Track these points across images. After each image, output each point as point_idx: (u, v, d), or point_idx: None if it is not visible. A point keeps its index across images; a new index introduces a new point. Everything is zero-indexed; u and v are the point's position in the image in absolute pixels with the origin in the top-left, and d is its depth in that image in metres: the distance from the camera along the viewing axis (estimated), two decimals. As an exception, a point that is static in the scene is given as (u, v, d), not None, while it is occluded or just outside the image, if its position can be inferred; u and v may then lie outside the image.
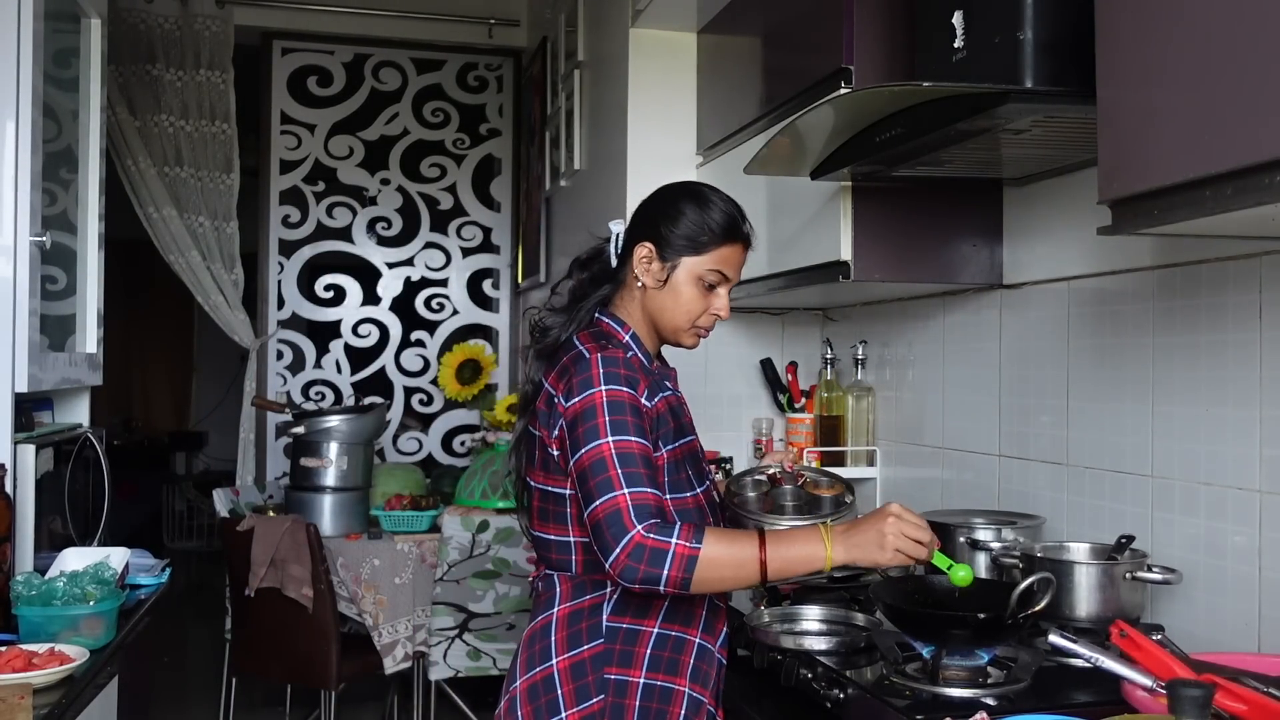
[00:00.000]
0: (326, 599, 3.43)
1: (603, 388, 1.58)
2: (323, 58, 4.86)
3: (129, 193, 4.55)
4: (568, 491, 1.62)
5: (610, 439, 1.54)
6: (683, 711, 1.61)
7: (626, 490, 1.51)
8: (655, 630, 1.62)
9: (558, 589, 1.65)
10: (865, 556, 1.50)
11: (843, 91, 2.01)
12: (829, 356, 2.80)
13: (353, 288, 4.93)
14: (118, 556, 2.30)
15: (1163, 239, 1.73)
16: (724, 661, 1.70)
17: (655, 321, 1.75)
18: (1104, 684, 1.44)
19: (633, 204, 2.99)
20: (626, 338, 1.72)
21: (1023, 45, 1.55)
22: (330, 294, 4.90)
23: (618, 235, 1.78)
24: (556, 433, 1.62)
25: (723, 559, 1.48)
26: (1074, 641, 1.41)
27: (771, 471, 1.93)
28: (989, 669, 1.52)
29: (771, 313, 3.07)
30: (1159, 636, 1.59)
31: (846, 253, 2.18)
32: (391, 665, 3.52)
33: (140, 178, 4.56)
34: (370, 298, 4.96)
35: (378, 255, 4.98)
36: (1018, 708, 1.38)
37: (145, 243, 4.65)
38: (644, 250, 1.72)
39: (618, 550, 1.48)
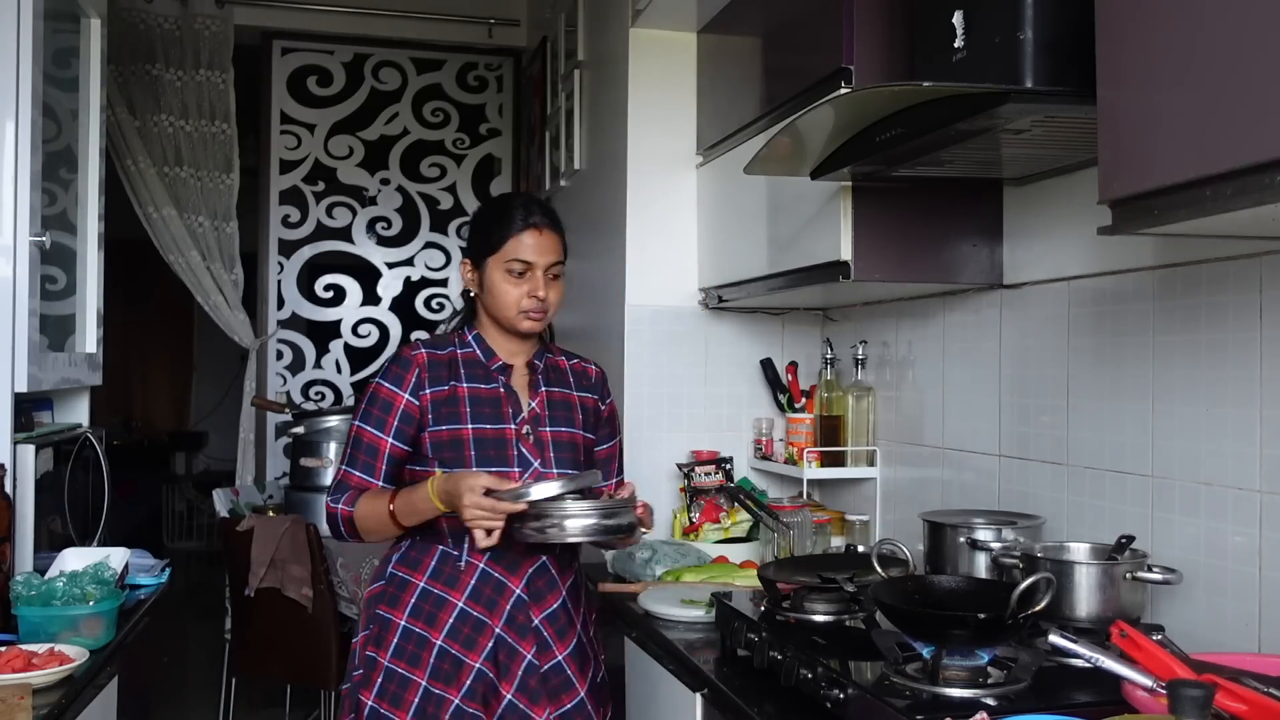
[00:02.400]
0: (326, 599, 3.43)
1: (376, 380, 2.01)
2: (323, 57, 4.86)
3: (129, 193, 4.55)
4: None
5: (357, 422, 1.99)
6: (432, 658, 1.92)
7: (344, 467, 1.99)
8: (421, 584, 1.97)
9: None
10: (455, 508, 1.83)
11: (843, 91, 2.01)
12: (829, 356, 2.80)
13: (352, 288, 4.93)
14: (117, 556, 2.30)
15: (1163, 239, 1.73)
16: (504, 635, 1.93)
17: (496, 320, 2.04)
18: (1104, 684, 1.44)
19: (633, 204, 3.03)
20: (470, 338, 2.06)
21: (1023, 45, 1.55)
22: (330, 294, 4.90)
23: None
24: None
25: (368, 514, 1.93)
26: (1074, 641, 1.41)
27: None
28: (989, 669, 1.52)
29: (771, 313, 3.07)
30: (1159, 636, 1.59)
31: (846, 253, 2.18)
32: (391, 665, 3.51)
33: (140, 178, 4.56)
34: (370, 298, 4.96)
35: (377, 255, 4.97)
36: (1018, 708, 1.38)
37: (145, 243, 4.65)
38: (464, 266, 2.07)
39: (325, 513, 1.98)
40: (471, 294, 2.07)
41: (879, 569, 1.90)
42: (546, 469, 1.98)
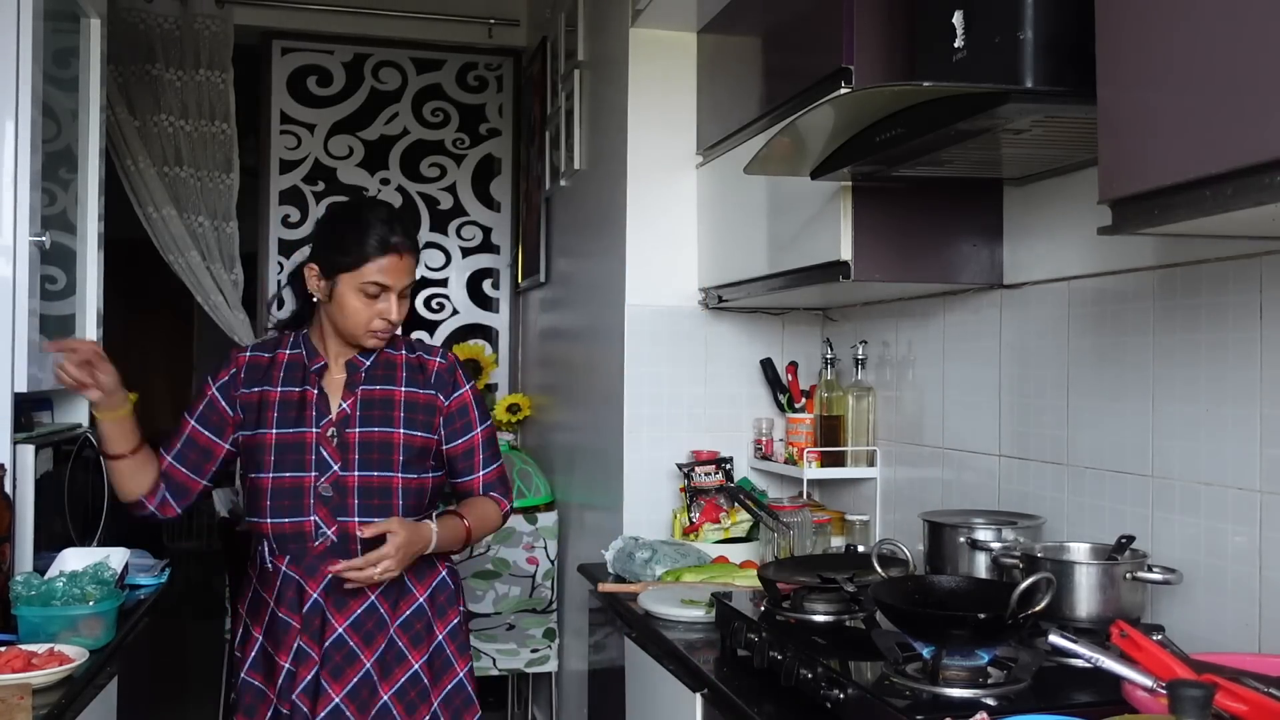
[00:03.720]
0: (326, 599, 3.43)
1: (206, 380, 2.12)
2: (322, 57, 4.86)
3: (129, 193, 4.54)
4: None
5: (185, 413, 2.11)
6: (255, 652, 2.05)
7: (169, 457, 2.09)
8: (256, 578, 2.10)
9: None
10: None
11: (843, 91, 2.01)
12: (829, 356, 2.80)
13: (352, 288, 4.92)
14: (117, 556, 2.30)
15: (1163, 239, 1.73)
16: (296, 625, 2.00)
17: (336, 329, 2.02)
18: (1104, 684, 1.44)
19: (633, 204, 3.03)
20: (297, 338, 2.11)
21: (1023, 45, 1.55)
22: (330, 294, 4.90)
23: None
24: None
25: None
26: (1074, 642, 1.41)
27: None
28: (989, 669, 1.52)
29: (771, 313, 3.07)
30: (1159, 636, 1.59)
31: (846, 253, 2.18)
32: (391, 665, 3.51)
33: (140, 178, 4.56)
34: (370, 298, 4.95)
35: (377, 255, 4.97)
36: (1018, 708, 1.38)
37: (145, 243, 4.65)
38: (311, 271, 2.02)
39: None
40: (315, 299, 2.04)
41: (879, 569, 1.90)
42: (347, 471, 1.99)
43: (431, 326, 4.99)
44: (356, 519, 1.97)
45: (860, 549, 2.34)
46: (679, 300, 3.03)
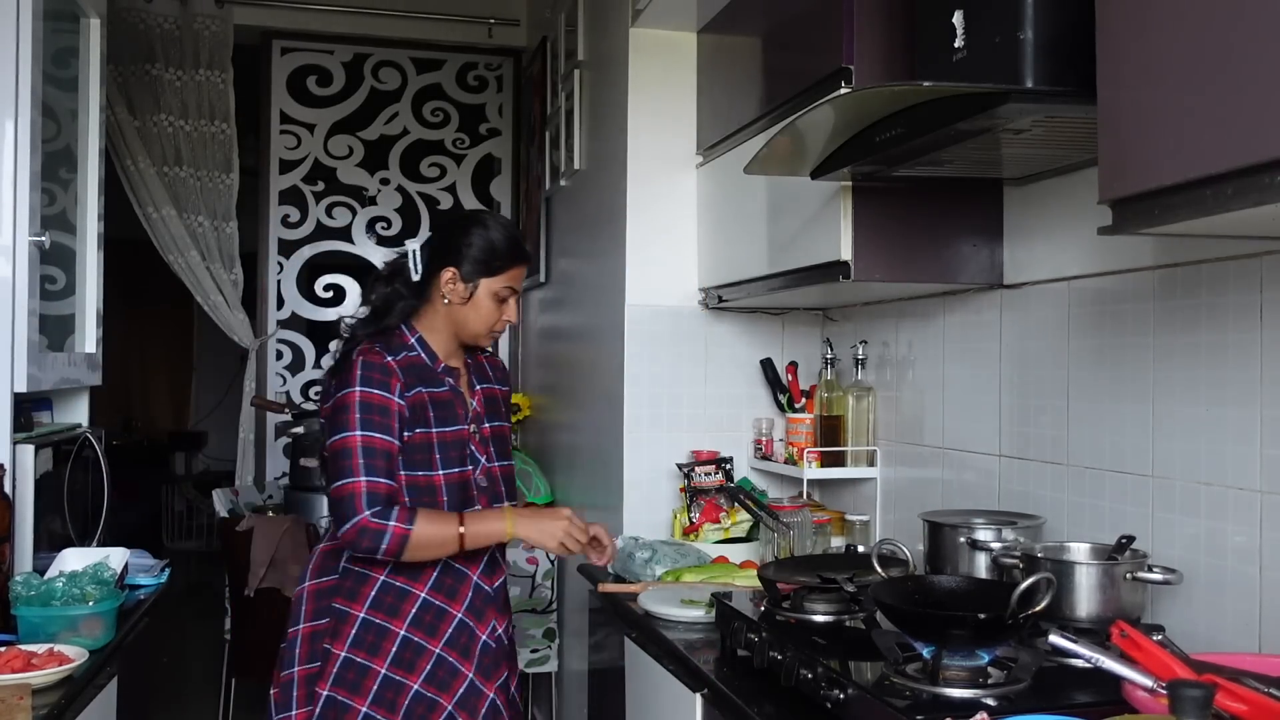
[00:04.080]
0: (326, 599, 3.43)
1: (357, 389, 1.98)
2: (322, 57, 4.86)
3: (129, 193, 4.55)
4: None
5: (359, 432, 1.96)
6: (395, 648, 2.01)
7: (364, 478, 1.93)
8: (381, 578, 2.04)
9: (325, 532, 2.11)
10: (537, 538, 2.02)
11: (843, 91, 2.01)
12: (829, 356, 2.80)
13: (352, 288, 4.92)
14: (117, 557, 2.30)
15: (1163, 239, 1.73)
16: (466, 621, 2.07)
17: (458, 330, 2.13)
18: (1104, 684, 1.44)
19: (633, 204, 3.03)
20: (412, 340, 2.10)
21: (1023, 45, 1.55)
22: (330, 294, 4.90)
23: (414, 253, 2.13)
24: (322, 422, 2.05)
25: (431, 536, 1.95)
26: (1074, 642, 1.41)
27: None
28: (989, 669, 1.52)
29: (771, 313, 3.07)
30: (1159, 636, 1.59)
31: (846, 253, 2.18)
32: (391, 665, 3.51)
33: (140, 178, 4.56)
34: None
35: (377, 255, 4.97)
36: (1018, 708, 1.38)
37: (145, 243, 4.65)
38: (448, 274, 2.09)
39: (347, 526, 1.92)
40: (447, 301, 2.10)
41: (879, 569, 1.90)
42: (491, 462, 2.15)
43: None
44: (506, 505, 2.16)
45: (860, 549, 2.34)
46: (679, 300, 3.03)
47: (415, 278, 2.12)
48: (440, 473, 2.04)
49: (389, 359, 2.02)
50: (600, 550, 2.12)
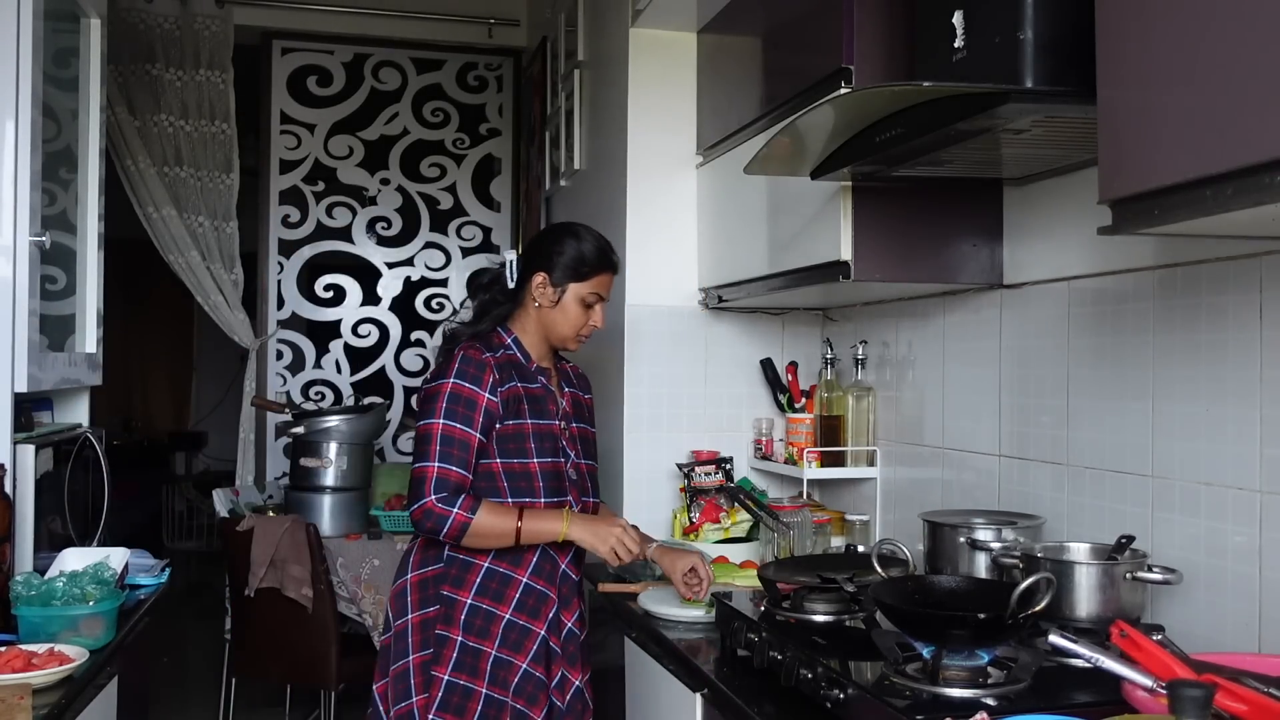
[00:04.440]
0: (326, 599, 3.43)
1: (452, 380, 2.10)
2: (323, 57, 4.86)
3: (129, 193, 4.55)
4: None
5: (442, 421, 2.08)
6: (501, 630, 2.11)
7: (438, 464, 2.06)
8: (485, 565, 2.13)
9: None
10: (591, 541, 2.10)
11: (843, 91, 2.01)
12: (829, 356, 2.80)
13: (352, 288, 4.93)
14: (117, 556, 2.30)
15: (1163, 239, 1.73)
16: (557, 599, 2.17)
17: (547, 333, 2.24)
18: (1104, 684, 1.44)
19: (633, 204, 3.04)
20: (509, 341, 2.22)
21: (1023, 45, 1.55)
22: (330, 294, 4.90)
23: (512, 262, 2.25)
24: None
25: (489, 526, 2.05)
26: (1074, 641, 1.41)
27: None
28: (989, 669, 1.52)
29: (771, 313, 3.07)
30: (1159, 636, 1.59)
31: (846, 253, 2.18)
32: (391, 665, 3.51)
33: (140, 178, 4.56)
34: (370, 298, 4.96)
35: (377, 255, 4.98)
36: (1018, 708, 1.38)
37: (145, 243, 4.65)
38: (539, 278, 2.21)
39: (414, 507, 2.06)
40: (538, 304, 2.21)
41: (879, 569, 1.91)
42: (578, 459, 2.25)
43: (431, 326, 4.99)
44: (591, 500, 2.30)
45: (860, 549, 2.35)
46: (679, 300, 3.03)
47: (510, 285, 2.24)
48: (535, 460, 2.15)
49: (487, 355, 2.14)
50: (695, 584, 2.22)
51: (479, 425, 2.09)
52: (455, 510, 2.03)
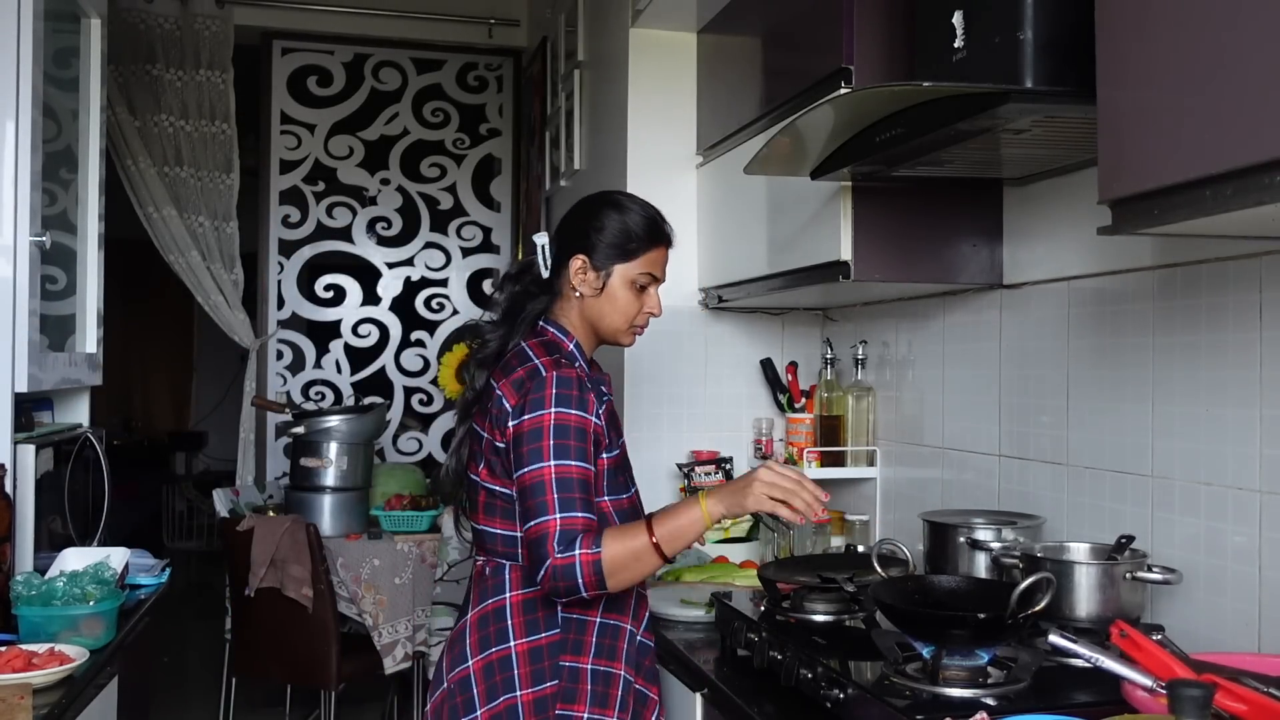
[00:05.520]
0: (326, 599, 3.43)
1: (553, 410, 1.69)
2: (323, 58, 4.86)
3: (129, 193, 4.55)
4: (514, 491, 1.73)
5: (552, 463, 1.67)
6: (620, 693, 1.77)
7: (559, 515, 1.65)
8: (598, 620, 1.78)
9: (507, 576, 1.77)
10: (735, 504, 1.67)
11: (843, 91, 2.01)
12: (829, 356, 2.80)
13: (353, 288, 4.93)
14: (117, 556, 2.30)
15: (1163, 239, 1.73)
16: (649, 644, 1.87)
17: (595, 326, 1.87)
18: (1104, 684, 1.44)
19: (633, 204, 3.02)
20: (571, 347, 1.85)
21: (1023, 45, 1.55)
22: (330, 294, 4.90)
23: (544, 247, 1.87)
24: (507, 440, 1.73)
25: (621, 554, 1.64)
26: (1074, 641, 1.41)
27: None
28: (989, 669, 1.52)
29: (771, 313, 3.07)
30: (1159, 636, 1.59)
31: (846, 253, 2.18)
32: (391, 665, 3.52)
33: (140, 178, 4.56)
34: (370, 298, 4.96)
35: (378, 255, 4.98)
36: (1018, 708, 1.38)
37: (145, 243, 4.66)
38: (578, 262, 1.84)
39: (541, 573, 1.65)
40: (579, 294, 1.85)
41: (879, 569, 1.90)
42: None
43: (431, 326, 5.00)
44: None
45: (860, 549, 2.34)
46: (679, 300, 3.03)
47: (545, 273, 1.87)
48: (633, 492, 1.84)
49: (581, 371, 1.76)
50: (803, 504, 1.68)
51: (592, 458, 1.71)
52: (577, 553, 1.62)
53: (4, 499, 2.11)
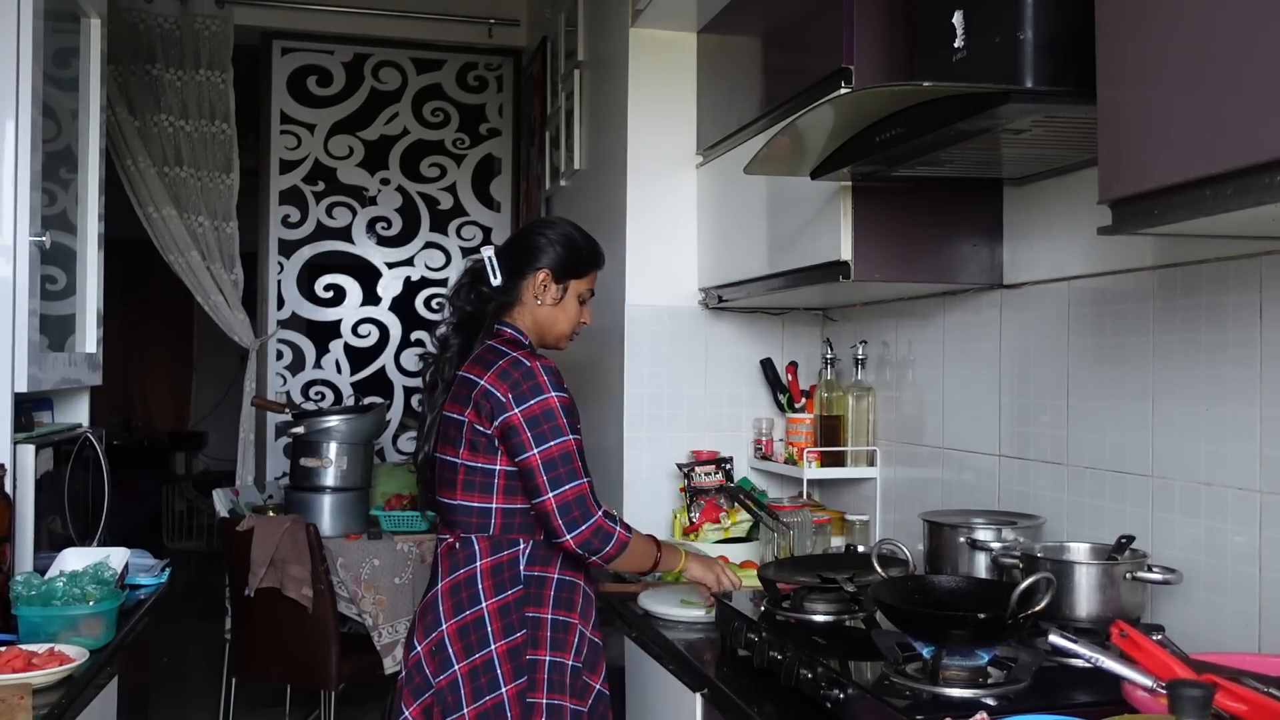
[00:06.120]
0: (326, 599, 3.43)
1: (552, 393, 1.97)
2: (322, 57, 4.86)
3: (129, 193, 4.55)
4: (498, 468, 1.98)
5: (569, 436, 1.96)
6: (575, 639, 2.02)
7: (587, 479, 1.96)
8: (556, 576, 2.02)
9: (476, 547, 2.00)
10: (701, 575, 2.17)
11: (843, 91, 2.01)
12: (829, 356, 2.80)
13: (352, 288, 4.93)
14: (117, 556, 2.30)
15: (1163, 239, 1.73)
16: (591, 595, 2.12)
17: (544, 331, 2.16)
18: (1104, 684, 1.44)
19: (633, 204, 3.04)
20: (526, 345, 2.09)
21: (1023, 45, 1.55)
22: (330, 294, 4.90)
23: (490, 259, 2.13)
24: (498, 424, 1.96)
25: (638, 549, 2.03)
26: (1074, 641, 1.41)
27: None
28: (989, 669, 1.52)
29: (771, 313, 3.07)
30: (1159, 636, 1.59)
31: (846, 253, 2.18)
32: (391, 665, 3.51)
33: (140, 178, 4.56)
34: (370, 298, 4.96)
35: (377, 255, 4.98)
36: (1018, 708, 1.38)
37: (145, 243, 4.66)
38: (543, 275, 2.12)
39: (585, 525, 1.94)
40: (540, 302, 2.12)
41: (879, 569, 1.91)
42: None
43: (431, 327, 4.99)
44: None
45: (860, 549, 2.34)
46: (679, 300, 3.03)
47: (495, 282, 2.11)
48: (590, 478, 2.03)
49: (548, 361, 2.02)
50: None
51: (577, 430, 2.00)
52: (618, 528, 1.96)
53: (4, 499, 2.11)
